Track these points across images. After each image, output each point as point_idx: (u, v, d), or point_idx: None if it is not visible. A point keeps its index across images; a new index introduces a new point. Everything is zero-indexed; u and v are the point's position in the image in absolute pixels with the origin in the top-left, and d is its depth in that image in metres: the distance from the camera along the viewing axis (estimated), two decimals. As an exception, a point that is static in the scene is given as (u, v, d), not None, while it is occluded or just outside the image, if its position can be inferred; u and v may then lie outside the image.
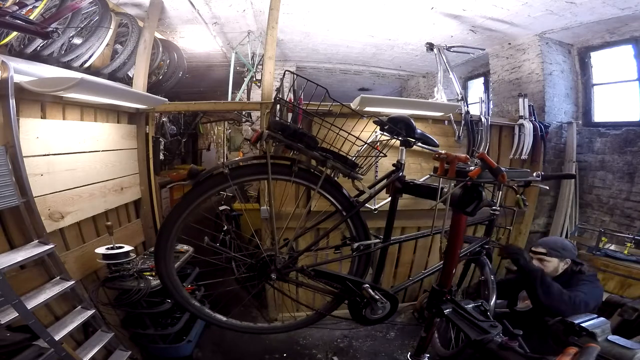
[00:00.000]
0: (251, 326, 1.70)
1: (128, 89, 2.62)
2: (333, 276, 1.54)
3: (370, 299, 1.49)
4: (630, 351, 0.99)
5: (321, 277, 1.52)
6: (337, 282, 1.55)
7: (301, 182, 1.47)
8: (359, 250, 1.53)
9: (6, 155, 1.62)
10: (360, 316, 1.56)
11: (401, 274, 3.17)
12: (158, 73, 3.50)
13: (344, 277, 1.55)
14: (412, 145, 1.53)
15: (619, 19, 2.98)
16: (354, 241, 1.54)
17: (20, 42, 2.04)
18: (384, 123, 1.51)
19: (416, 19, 3.33)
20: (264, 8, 2.93)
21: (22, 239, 1.73)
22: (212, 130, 8.42)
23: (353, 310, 1.58)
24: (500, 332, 1.30)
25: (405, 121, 1.49)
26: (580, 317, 1.21)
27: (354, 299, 1.55)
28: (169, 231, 1.38)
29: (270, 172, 1.38)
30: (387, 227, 1.58)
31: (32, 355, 1.50)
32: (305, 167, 1.44)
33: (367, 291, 1.49)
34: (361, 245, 1.52)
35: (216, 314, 1.61)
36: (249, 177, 1.45)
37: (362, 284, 1.52)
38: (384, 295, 1.53)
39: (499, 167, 1.22)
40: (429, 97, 4.82)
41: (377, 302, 1.49)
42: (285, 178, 1.44)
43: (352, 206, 1.50)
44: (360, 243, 1.52)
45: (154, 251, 1.43)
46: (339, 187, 1.50)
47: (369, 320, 1.58)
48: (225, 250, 1.59)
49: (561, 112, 3.62)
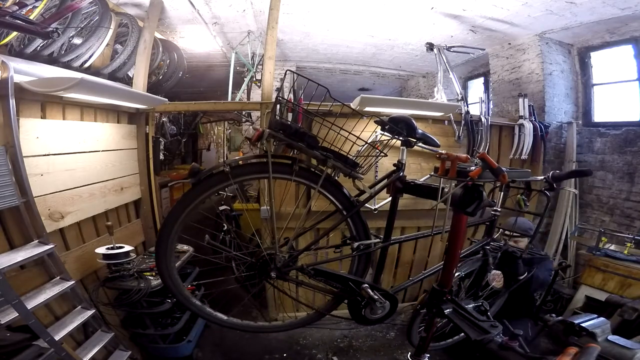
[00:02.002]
0: (251, 325, 1.70)
1: (128, 89, 2.62)
2: (333, 275, 1.54)
3: (369, 299, 1.49)
4: (630, 351, 0.99)
5: (321, 276, 1.52)
6: (336, 282, 1.56)
7: (302, 181, 1.47)
8: (359, 249, 1.53)
9: (6, 155, 1.62)
10: (360, 316, 1.56)
11: (401, 274, 3.17)
12: (158, 73, 3.50)
13: (344, 276, 1.56)
14: (413, 145, 1.53)
15: (619, 19, 2.98)
16: (354, 241, 1.54)
17: (20, 42, 2.04)
18: (384, 123, 1.51)
19: (416, 19, 3.32)
20: (264, 8, 2.93)
21: (22, 239, 1.73)
22: (212, 130, 8.42)
23: (353, 310, 1.58)
24: (501, 332, 1.30)
25: (406, 121, 1.49)
26: (581, 317, 1.21)
27: (354, 298, 1.55)
28: (169, 230, 1.39)
29: (271, 171, 1.38)
30: (388, 227, 1.58)
31: (32, 355, 1.50)
32: (305, 167, 1.45)
33: (367, 291, 1.50)
34: (361, 245, 1.52)
35: (217, 312, 1.61)
36: (250, 176, 1.46)
37: (362, 284, 1.52)
38: (384, 295, 1.53)
39: (499, 167, 1.22)
40: (429, 97, 4.82)
41: (377, 302, 1.49)
42: (286, 177, 1.44)
43: (353, 205, 1.50)
44: (361, 243, 1.52)
45: (155, 250, 1.43)
46: (339, 186, 1.50)
47: (369, 320, 1.58)
48: (226, 249, 1.60)
49: (561, 112, 3.62)
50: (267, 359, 2.45)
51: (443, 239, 1.48)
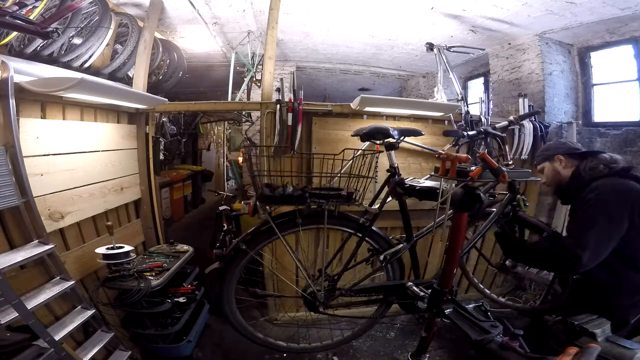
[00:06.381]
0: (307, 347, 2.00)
1: (128, 89, 2.62)
2: (374, 288, 1.66)
3: (415, 296, 1.56)
4: (630, 351, 0.99)
5: (364, 293, 1.62)
6: (380, 292, 1.66)
7: (309, 227, 1.58)
8: (387, 259, 1.62)
9: (6, 155, 1.62)
10: (416, 308, 1.62)
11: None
12: (158, 73, 3.50)
13: (385, 285, 1.68)
14: (397, 145, 1.57)
15: (619, 19, 2.98)
16: (378, 253, 1.61)
17: (20, 42, 2.04)
18: (362, 136, 1.60)
19: (416, 19, 3.32)
20: (264, 8, 2.93)
21: (22, 239, 1.73)
22: (212, 130, 8.42)
23: (406, 307, 1.65)
24: (501, 332, 1.30)
25: (378, 129, 1.57)
26: (581, 317, 1.21)
27: (404, 299, 1.63)
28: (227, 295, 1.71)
29: (279, 232, 1.53)
30: (406, 228, 1.66)
31: (32, 355, 1.50)
32: (306, 214, 1.54)
33: (412, 289, 1.58)
34: (387, 255, 1.61)
35: (278, 341, 1.90)
36: (264, 243, 1.66)
37: (405, 285, 1.58)
38: (427, 287, 1.59)
39: (499, 167, 1.22)
40: (429, 97, 4.82)
41: (424, 298, 1.55)
42: (294, 231, 1.57)
43: (363, 227, 1.61)
44: (386, 253, 1.60)
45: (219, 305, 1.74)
46: (344, 216, 1.61)
47: (425, 310, 1.62)
48: (269, 294, 1.85)
49: (561, 112, 3.62)
50: (267, 359, 2.44)
51: (443, 239, 1.50)
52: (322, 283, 1.62)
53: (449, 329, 2.25)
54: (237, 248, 1.55)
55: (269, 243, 1.74)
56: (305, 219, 1.52)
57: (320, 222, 1.52)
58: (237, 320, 1.77)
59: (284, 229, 1.54)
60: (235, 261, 1.61)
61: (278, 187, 1.44)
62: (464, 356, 1.92)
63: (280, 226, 1.52)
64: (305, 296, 1.61)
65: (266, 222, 1.54)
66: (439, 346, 2.53)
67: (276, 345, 1.90)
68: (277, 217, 1.56)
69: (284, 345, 1.91)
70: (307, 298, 1.61)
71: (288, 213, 1.55)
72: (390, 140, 1.54)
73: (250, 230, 1.61)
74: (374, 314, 1.82)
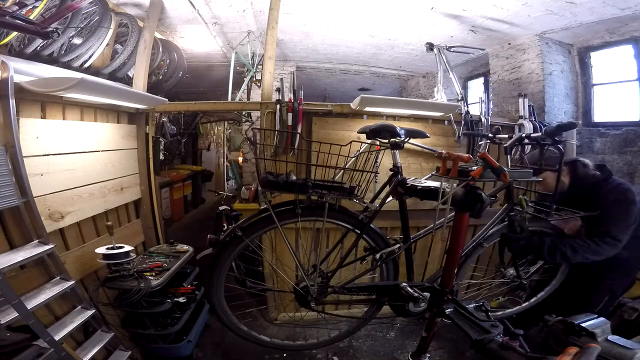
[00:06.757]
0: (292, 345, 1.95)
1: (128, 89, 2.62)
2: (367, 287, 1.63)
3: (409, 297, 1.54)
4: (630, 351, 0.99)
5: (356, 292, 1.59)
6: (373, 291, 1.63)
7: (308, 219, 1.54)
8: (382, 259, 1.60)
9: (6, 155, 1.61)
10: (405, 311, 1.60)
11: (401, 274, 3.16)
12: (158, 73, 3.49)
13: (378, 285, 1.65)
14: (402, 144, 1.56)
15: (619, 19, 2.98)
16: (374, 252, 1.59)
17: (20, 42, 2.03)
18: (368, 133, 1.57)
19: (416, 19, 3.32)
20: (264, 8, 2.93)
21: (22, 239, 1.72)
22: (212, 130, 8.42)
23: (397, 309, 1.63)
24: (501, 331, 1.30)
25: (385, 127, 1.54)
26: (580, 317, 1.21)
27: (395, 299, 1.60)
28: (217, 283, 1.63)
29: (278, 221, 1.48)
30: (404, 228, 1.64)
31: (32, 355, 1.50)
32: (307, 205, 1.51)
33: (406, 290, 1.55)
34: (383, 254, 1.59)
35: (261, 335, 1.86)
36: (261, 231, 1.61)
37: (399, 285, 1.57)
38: (421, 288, 1.58)
39: (500, 166, 1.22)
40: (429, 97, 4.82)
41: (418, 298, 1.54)
42: (293, 221, 1.53)
43: (362, 223, 1.57)
44: (382, 252, 1.59)
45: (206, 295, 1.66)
46: (344, 210, 1.57)
47: (414, 313, 1.61)
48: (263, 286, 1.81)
49: (561, 112, 3.62)
50: (267, 358, 2.44)
51: (443, 239, 1.50)
52: (315, 279, 1.58)
53: (449, 329, 2.25)
54: (233, 234, 1.50)
55: (266, 232, 1.70)
56: (305, 210, 1.49)
57: (319, 215, 1.48)
58: (223, 310, 1.71)
59: (283, 218, 1.49)
60: (230, 248, 1.54)
61: (281, 174, 1.43)
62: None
63: (280, 215, 1.48)
64: (298, 290, 1.57)
65: (265, 209, 1.50)
66: (439, 346, 2.53)
67: (261, 340, 1.89)
68: (277, 205, 1.52)
69: (267, 340, 1.89)
70: (300, 292, 1.57)
71: (288, 202, 1.52)
72: (396, 139, 1.52)
73: (248, 217, 1.56)
74: (364, 315, 1.79)
